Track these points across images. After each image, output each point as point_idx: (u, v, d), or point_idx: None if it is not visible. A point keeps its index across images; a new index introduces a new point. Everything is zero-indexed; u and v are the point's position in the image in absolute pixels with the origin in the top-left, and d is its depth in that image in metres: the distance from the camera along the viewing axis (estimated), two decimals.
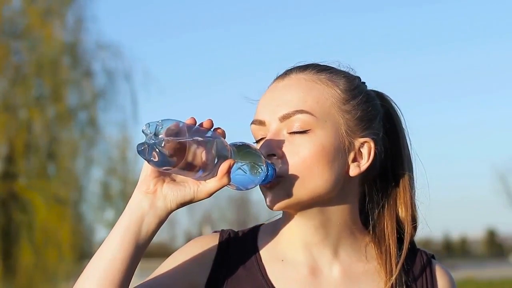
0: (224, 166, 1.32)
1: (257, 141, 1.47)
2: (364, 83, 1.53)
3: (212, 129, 1.34)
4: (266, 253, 1.49)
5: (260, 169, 1.37)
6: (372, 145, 1.46)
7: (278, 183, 1.40)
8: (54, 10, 13.47)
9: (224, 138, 1.35)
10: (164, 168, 1.29)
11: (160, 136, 1.26)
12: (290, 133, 1.43)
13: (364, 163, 1.46)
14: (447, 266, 1.57)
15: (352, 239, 1.49)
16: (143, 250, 1.36)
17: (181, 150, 1.27)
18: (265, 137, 1.45)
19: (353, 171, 1.45)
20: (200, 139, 1.29)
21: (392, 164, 1.52)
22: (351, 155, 1.45)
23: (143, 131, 1.28)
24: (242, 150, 1.36)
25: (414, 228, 1.51)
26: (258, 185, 1.41)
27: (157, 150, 1.26)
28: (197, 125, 1.32)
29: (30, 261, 12.82)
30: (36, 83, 13.42)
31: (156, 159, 1.27)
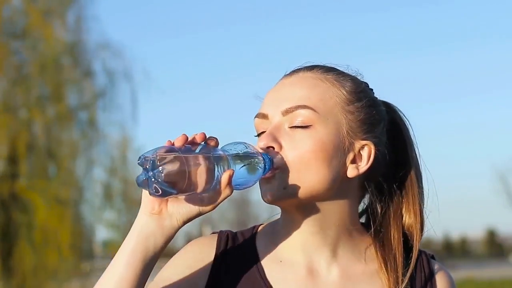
0: (224, 178, 1.33)
1: (259, 134, 1.48)
2: (371, 89, 1.53)
3: (204, 143, 1.34)
4: (265, 254, 1.49)
5: (258, 167, 1.38)
6: (373, 148, 1.46)
7: (275, 175, 1.41)
8: (55, 9, 13.46)
9: (217, 146, 1.35)
10: (168, 197, 1.30)
11: (158, 169, 1.26)
12: (291, 127, 1.43)
13: (363, 165, 1.46)
14: (447, 266, 1.57)
15: (351, 241, 1.49)
16: (151, 268, 1.36)
17: (181, 174, 1.27)
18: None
19: (351, 172, 1.45)
20: (196, 158, 1.29)
21: (399, 173, 1.52)
22: (350, 156, 1.45)
23: (139, 164, 1.27)
24: (239, 153, 1.37)
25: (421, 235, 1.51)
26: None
27: (157, 182, 1.26)
28: (189, 139, 1.32)
29: (30, 261, 12.81)
30: (37, 83, 13.42)
31: (159, 192, 1.27)
